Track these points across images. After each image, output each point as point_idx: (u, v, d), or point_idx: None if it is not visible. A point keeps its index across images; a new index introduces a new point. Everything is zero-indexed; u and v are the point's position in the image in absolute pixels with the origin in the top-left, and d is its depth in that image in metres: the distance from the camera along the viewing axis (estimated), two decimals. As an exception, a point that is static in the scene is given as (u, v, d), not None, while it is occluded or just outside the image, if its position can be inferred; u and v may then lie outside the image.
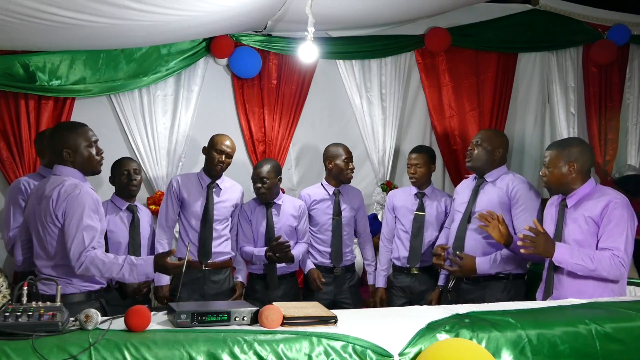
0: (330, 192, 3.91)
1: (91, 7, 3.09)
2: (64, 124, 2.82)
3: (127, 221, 3.54)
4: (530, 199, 3.21)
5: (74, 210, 2.51)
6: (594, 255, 2.62)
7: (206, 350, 1.80)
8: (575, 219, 2.75)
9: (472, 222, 3.29)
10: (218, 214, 3.64)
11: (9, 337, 1.79)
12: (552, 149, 2.85)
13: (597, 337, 2.05)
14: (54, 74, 4.04)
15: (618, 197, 2.70)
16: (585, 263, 2.60)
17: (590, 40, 5.10)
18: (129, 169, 3.54)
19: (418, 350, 1.90)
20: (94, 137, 2.70)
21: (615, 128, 5.24)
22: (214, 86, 4.56)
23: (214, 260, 3.62)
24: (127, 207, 3.56)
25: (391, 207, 3.91)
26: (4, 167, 4.05)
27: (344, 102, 4.84)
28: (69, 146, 2.62)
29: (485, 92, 4.98)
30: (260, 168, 3.69)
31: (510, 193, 3.23)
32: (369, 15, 4.24)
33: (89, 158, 2.66)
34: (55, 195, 2.53)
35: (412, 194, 3.84)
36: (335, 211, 3.87)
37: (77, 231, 2.50)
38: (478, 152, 3.32)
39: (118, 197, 3.57)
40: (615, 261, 2.59)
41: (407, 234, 3.77)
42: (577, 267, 2.63)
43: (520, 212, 3.19)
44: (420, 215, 3.76)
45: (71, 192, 2.54)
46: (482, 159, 3.32)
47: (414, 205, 3.80)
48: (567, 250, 2.66)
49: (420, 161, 3.78)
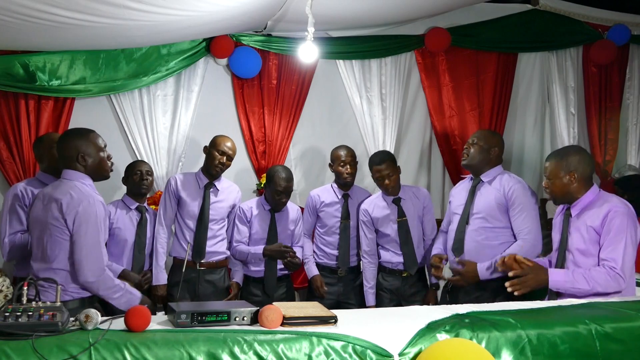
0: (340, 195, 3.89)
1: (91, 7, 3.09)
2: (74, 130, 2.82)
3: (136, 220, 3.66)
4: (527, 199, 3.22)
5: (88, 222, 2.51)
6: (589, 274, 2.58)
7: (206, 350, 1.80)
8: (577, 227, 2.73)
9: (470, 223, 3.29)
10: (214, 214, 3.66)
11: (9, 337, 1.79)
12: (551, 160, 2.83)
13: (597, 337, 2.05)
14: (54, 74, 4.04)
15: (619, 205, 2.66)
16: (580, 285, 2.58)
17: (590, 40, 5.10)
18: (141, 169, 3.69)
19: (418, 350, 1.90)
20: (104, 143, 2.73)
21: (615, 128, 5.24)
22: (214, 86, 4.56)
23: (209, 259, 3.64)
24: (137, 207, 3.68)
25: (370, 222, 3.76)
26: (4, 167, 4.05)
27: (344, 102, 4.84)
28: (82, 151, 2.63)
29: (485, 92, 4.98)
30: (288, 182, 3.65)
31: (507, 194, 3.23)
32: (369, 15, 4.24)
33: (101, 163, 2.69)
34: (66, 200, 2.51)
35: (390, 202, 3.71)
36: (344, 215, 3.86)
37: (93, 248, 2.52)
38: (474, 150, 3.33)
39: (129, 197, 3.70)
40: (612, 274, 2.56)
41: (396, 243, 3.70)
42: (574, 290, 2.60)
43: (518, 212, 3.20)
44: (404, 220, 3.69)
45: (83, 200, 2.52)
46: (477, 158, 3.32)
47: (394, 214, 3.70)
48: (561, 276, 2.63)
49: (391, 169, 3.62)
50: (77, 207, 2.50)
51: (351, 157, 3.85)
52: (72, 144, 2.64)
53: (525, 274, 2.64)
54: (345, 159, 3.82)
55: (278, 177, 3.63)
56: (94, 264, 2.52)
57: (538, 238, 3.19)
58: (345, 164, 3.81)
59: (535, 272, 2.65)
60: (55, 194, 2.55)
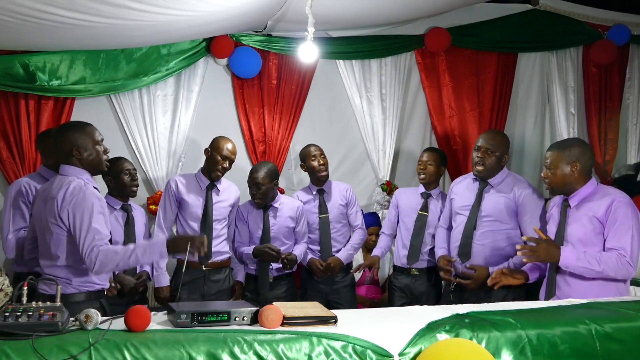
0: (314, 192, 3.95)
1: (91, 7, 3.09)
2: (71, 123, 2.80)
3: (122, 220, 3.52)
4: (537, 204, 3.23)
5: (81, 214, 2.49)
6: (600, 256, 2.61)
7: (206, 350, 1.80)
8: (577, 218, 2.75)
9: (477, 227, 3.27)
10: (217, 214, 3.65)
11: (9, 337, 1.79)
12: (553, 150, 2.84)
13: (597, 337, 2.05)
14: (54, 74, 4.04)
15: (622, 196, 2.70)
16: (592, 266, 2.60)
17: (590, 40, 5.10)
18: (129, 169, 3.52)
19: (418, 350, 1.90)
20: (100, 137, 2.70)
21: (615, 128, 5.24)
22: (214, 86, 4.55)
23: (214, 260, 3.63)
24: (122, 206, 3.54)
25: (396, 205, 3.96)
26: (4, 167, 4.04)
27: (344, 102, 4.84)
28: (78, 145, 2.61)
29: (485, 92, 4.98)
30: (256, 173, 3.68)
31: (517, 200, 3.23)
32: (369, 15, 4.24)
33: (97, 157, 2.67)
34: (60, 197, 2.51)
35: (418, 194, 3.87)
36: (321, 210, 3.90)
37: (87, 233, 2.48)
38: (491, 161, 3.28)
39: (111, 196, 3.52)
40: (622, 261, 2.59)
41: (409, 233, 3.78)
42: (584, 270, 2.62)
43: (529, 218, 3.20)
44: (424, 215, 3.77)
45: (76, 195, 2.52)
46: (494, 169, 3.30)
47: (419, 204, 3.83)
48: (573, 253, 2.64)
49: (431, 159, 3.83)
50: (69, 204, 2.50)
51: (319, 150, 3.94)
52: (67, 137, 2.62)
53: (539, 243, 2.65)
54: (315, 153, 3.91)
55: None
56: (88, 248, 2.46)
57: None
58: (316, 157, 3.89)
59: (548, 246, 2.66)
60: (52, 191, 2.56)
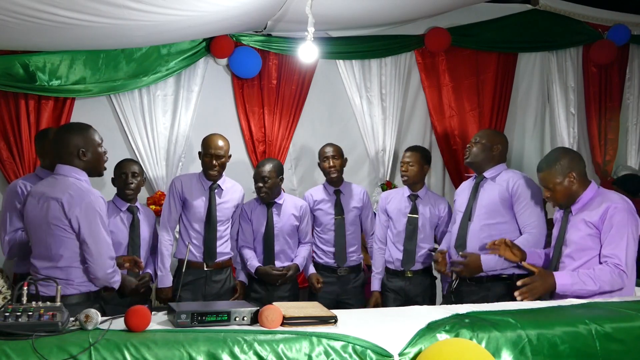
0: (331, 192, 3.92)
1: (91, 7, 3.09)
2: (73, 124, 2.80)
3: (127, 222, 3.51)
4: (532, 193, 3.20)
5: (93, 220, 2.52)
6: (595, 274, 2.60)
7: (206, 350, 1.80)
8: (575, 223, 2.76)
9: (473, 220, 3.29)
10: (221, 215, 3.65)
11: (9, 337, 1.79)
12: (544, 170, 2.83)
13: (597, 337, 2.05)
14: (54, 74, 4.04)
15: (619, 201, 2.68)
16: (587, 286, 2.59)
17: (590, 40, 5.10)
18: (126, 172, 3.51)
19: (418, 350, 1.90)
20: (101, 139, 2.71)
21: (615, 128, 5.24)
22: (214, 86, 4.55)
23: (216, 260, 3.63)
24: (128, 208, 3.54)
25: (384, 210, 3.84)
26: (4, 167, 4.04)
27: (344, 102, 4.83)
28: (83, 146, 2.61)
29: (485, 92, 4.98)
30: (262, 167, 3.69)
31: (511, 189, 3.22)
32: (369, 15, 4.24)
33: (99, 158, 2.68)
34: (67, 199, 2.49)
35: (405, 197, 3.77)
36: (337, 211, 3.87)
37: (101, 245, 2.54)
38: (476, 148, 3.35)
39: (119, 198, 3.55)
40: (616, 272, 2.58)
41: (401, 237, 3.72)
42: (581, 292, 2.61)
43: (523, 207, 3.19)
44: (414, 217, 3.71)
45: (85, 198, 2.51)
46: (480, 155, 3.33)
47: (407, 208, 3.74)
48: (567, 278, 2.64)
49: (412, 159, 3.69)
50: (78, 206, 2.49)
51: (333, 152, 3.89)
52: (72, 139, 2.61)
53: (533, 281, 2.64)
54: (328, 154, 3.88)
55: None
56: (107, 268, 2.56)
57: (543, 233, 3.19)
58: (328, 159, 3.86)
59: (542, 278, 2.65)
60: (52, 192, 2.52)
